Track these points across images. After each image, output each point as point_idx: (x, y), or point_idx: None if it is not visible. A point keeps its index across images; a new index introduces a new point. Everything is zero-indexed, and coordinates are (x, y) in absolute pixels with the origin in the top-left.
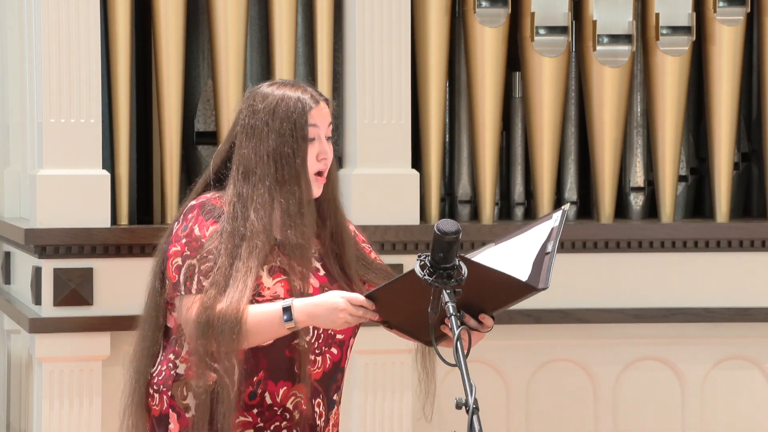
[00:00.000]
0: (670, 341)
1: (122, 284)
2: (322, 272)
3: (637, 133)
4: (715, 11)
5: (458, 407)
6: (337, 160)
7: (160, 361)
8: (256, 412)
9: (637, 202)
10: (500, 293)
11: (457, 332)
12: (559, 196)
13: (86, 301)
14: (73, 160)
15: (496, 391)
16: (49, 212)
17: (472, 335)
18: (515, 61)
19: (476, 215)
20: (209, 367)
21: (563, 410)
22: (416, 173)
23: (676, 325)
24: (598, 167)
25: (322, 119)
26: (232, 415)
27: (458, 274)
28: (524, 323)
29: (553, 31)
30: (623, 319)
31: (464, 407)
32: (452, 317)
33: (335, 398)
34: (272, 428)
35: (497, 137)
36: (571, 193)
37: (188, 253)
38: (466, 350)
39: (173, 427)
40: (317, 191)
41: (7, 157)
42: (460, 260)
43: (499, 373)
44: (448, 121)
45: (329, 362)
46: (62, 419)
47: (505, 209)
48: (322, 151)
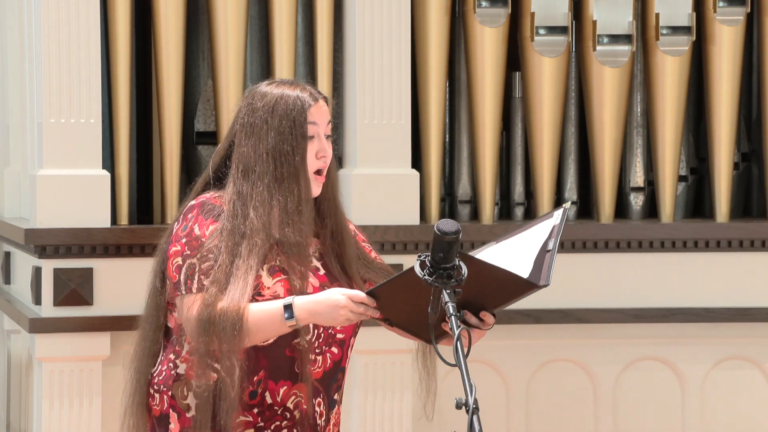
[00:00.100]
0: (670, 341)
1: (122, 284)
2: (322, 271)
3: (637, 133)
4: (715, 11)
5: (458, 407)
6: (337, 160)
7: (160, 360)
8: (256, 411)
9: (637, 202)
10: (501, 290)
11: (457, 332)
12: (559, 196)
13: (86, 301)
14: (73, 160)
15: (496, 391)
16: (49, 212)
17: (473, 333)
18: (515, 61)
19: (476, 215)
20: (210, 366)
21: (563, 410)
22: (416, 173)
23: (676, 325)
24: (598, 167)
25: (321, 117)
26: (233, 414)
27: (458, 274)
28: (524, 323)
29: (553, 31)
30: (623, 319)
31: (464, 407)
32: (452, 317)
33: (336, 398)
34: (273, 428)
35: (497, 137)
36: (571, 193)
37: (188, 252)
38: (466, 348)
39: (174, 426)
40: (316, 190)
41: (7, 157)
42: (460, 257)
43: (499, 373)
44: (448, 121)
45: (330, 361)
46: (62, 419)
47: (505, 209)
48: (321, 149)
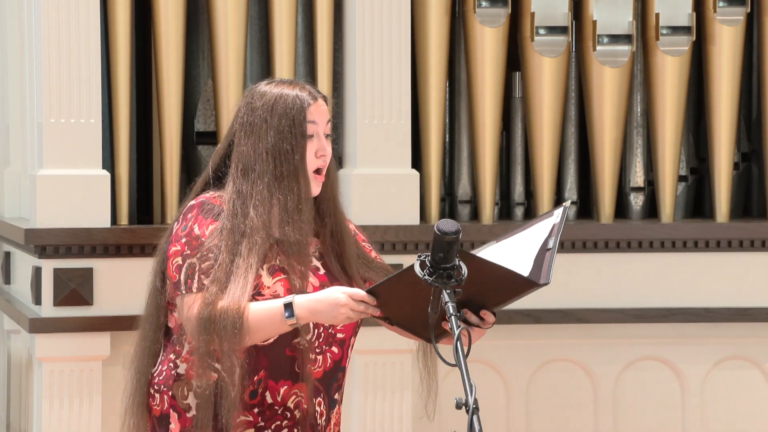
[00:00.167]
0: (670, 341)
1: (122, 284)
2: (322, 271)
3: (637, 133)
4: (715, 11)
5: (458, 407)
6: (337, 160)
7: (161, 360)
8: (256, 411)
9: (637, 202)
10: (501, 288)
11: (457, 332)
12: (559, 196)
13: (86, 301)
14: (73, 160)
15: (496, 391)
16: (49, 212)
17: (473, 332)
18: (515, 61)
19: (476, 215)
20: (210, 366)
21: (563, 410)
22: (416, 173)
23: (676, 325)
24: (598, 167)
25: (320, 116)
26: (233, 414)
27: (458, 274)
28: (524, 323)
29: (553, 31)
30: (623, 319)
31: (464, 407)
32: (452, 317)
33: (336, 397)
34: (273, 427)
35: (497, 137)
36: (571, 193)
37: (188, 252)
38: (466, 348)
39: (174, 426)
40: (316, 189)
41: (7, 157)
42: (460, 255)
43: (499, 373)
44: (448, 121)
45: (330, 361)
46: (62, 419)
47: (505, 209)
48: (320, 147)
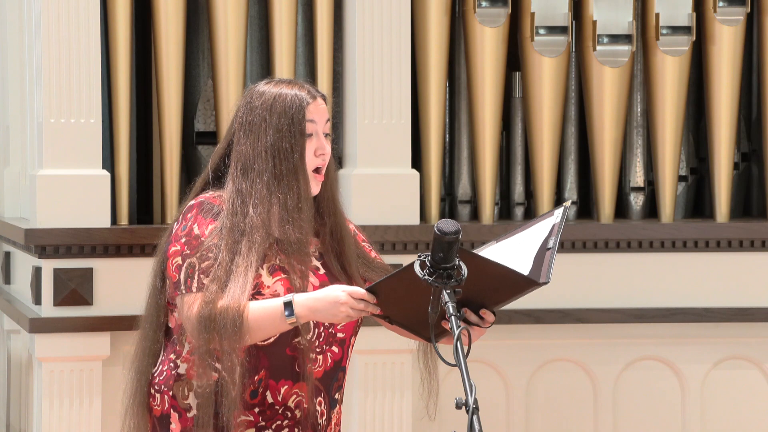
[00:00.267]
0: (670, 341)
1: (122, 284)
2: (322, 271)
3: (637, 133)
4: (715, 11)
5: (458, 407)
6: (336, 160)
7: (161, 360)
8: (257, 411)
9: (637, 202)
10: (501, 287)
11: (457, 332)
12: (559, 196)
13: (86, 301)
14: (73, 160)
15: (496, 391)
16: (49, 212)
17: (473, 331)
18: (515, 61)
19: (476, 215)
20: (211, 366)
21: (563, 410)
22: (416, 173)
23: (676, 325)
24: (598, 167)
25: (319, 115)
26: (234, 413)
27: (458, 273)
28: (524, 323)
29: (553, 31)
30: (623, 319)
31: (464, 407)
32: (452, 317)
33: (337, 397)
34: (274, 427)
35: (497, 137)
36: (571, 193)
37: (188, 252)
38: (466, 348)
39: (175, 427)
40: (315, 189)
41: (7, 157)
42: (460, 253)
43: (499, 373)
44: (448, 121)
45: (330, 361)
46: (62, 419)
47: (505, 209)
48: (320, 146)
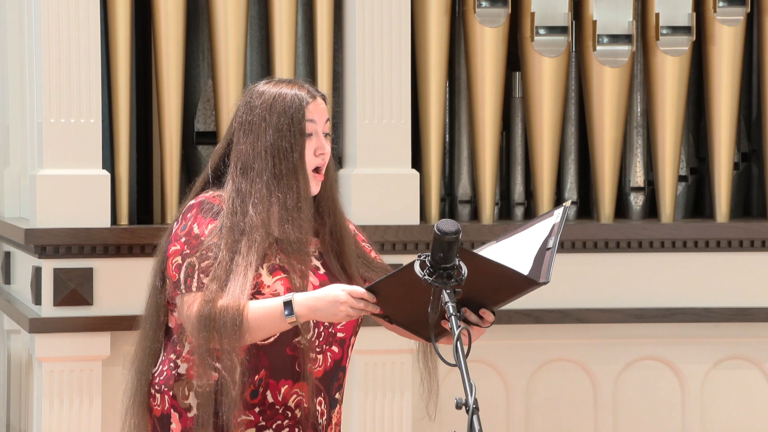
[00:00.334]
0: (670, 341)
1: (122, 284)
2: (322, 270)
3: (637, 133)
4: (715, 11)
5: (458, 407)
6: (336, 159)
7: (161, 360)
8: (257, 410)
9: (637, 202)
10: (501, 287)
11: (457, 332)
12: (559, 196)
13: (86, 301)
14: (73, 160)
15: (496, 391)
16: (49, 212)
17: (472, 331)
18: (515, 61)
19: (476, 215)
20: (211, 366)
21: (563, 410)
22: (416, 173)
23: (676, 325)
24: (598, 167)
25: (319, 115)
26: (234, 413)
27: (458, 273)
28: (524, 323)
29: (553, 31)
30: (623, 319)
31: (464, 407)
32: (452, 317)
33: (337, 397)
34: (274, 427)
35: (497, 137)
36: (571, 193)
37: (188, 251)
38: (466, 347)
39: (175, 427)
40: (315, 188)
41: (7, 157)
42: (460, 252)
43: (499, 373)
44: (448, 121)
45: (330, 360)
46: (62, 419)
47: (505, 209)
48: (319, 146)
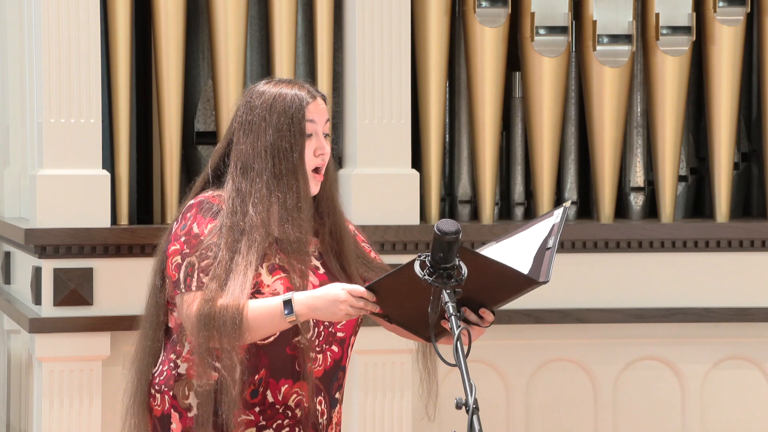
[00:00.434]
0: (670, 341)
1: (122, 284)
2: (321, 270)
3: (637, 133)
4: (715, 11)
5: (458, 407)
6: (336, 160)
7: (161, 360)
8: (258, 410)
9: (637, 202)
10: (501, 286)
11: (457, 332)
12: (559, 196)
13: (86, 301)
14: (73, 160)
15: (496, 391)
16: (49, 212)
17: (472, 330)
18: (515, 61)
19: (476, 215)
20: (211, 366)
21: (563, 410)
22: (416, 173)
23: (676, 325)
24: (598, 167)
25: (319, 115)
26: (234, 413)
27: (458, 273)
28: (524, 323)
29: (553, 31)
30: (623, 319)
31: (464, 407)
32: (452, 317)
33: (337, 396)
34: (274, 426)
35: (497, 137)
36: (571, 193)
37: (187, 251)
38: (466, 347)
39: (175, 427)
40: (315, 188)
41: (7, 157)
42: (460, 251)
43: (499, 373)
44: (448, 121)
45: (330, 360)
46: (62, 419)
47: (505, 209)
48: (319, 146)
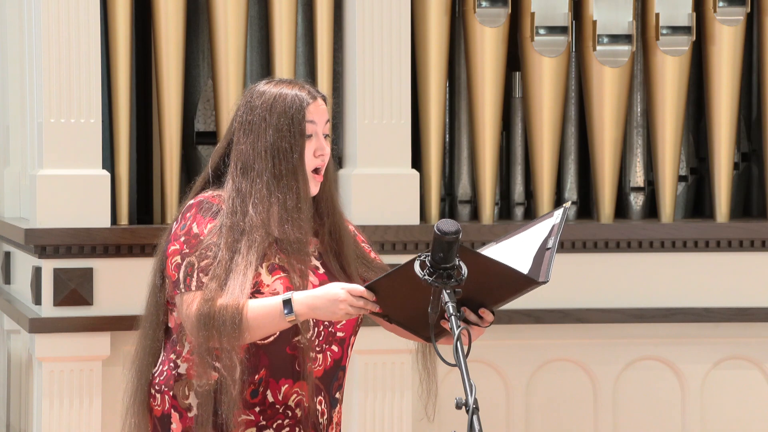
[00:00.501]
0: (670, 341)
1: (122, 284)
2: (321, 270)
3: (637, 133)
4: (715, 11)
5: (458, 407)
6: (336, 160)
7: (161, 360)
8: (258, 410)
9: (637, 202)
10: (500, 286)
11: (457, 332)
12: (559, 196)
13: (86, 301)
14: (73, 160)
15: (496, 391)
16: (49, 212)
17: (472, 330)
18: (515, 61)
19: (476, 215)
20: (211, 366)
21: (563, 410)
22: (416, 173)
23: (676, 325)
24: (598, 167)
25: (319, 116)
26: (234, 413)
27: (458, 273)
28: (524, 323)
29: (553, 31)
30: (623, 319)
31: (464, 407)
32: (452, 317)
33: (337, 396)
34: (275, 426)
35: (497, 137)
36: (571, 193)
37: (187, 251)
38: (466, 347)
39: (175, 427)
40: (314, 189)
41: (7, 157)
42: (460, 250)
43: (499, 373)
44: (448, 121)
45: (330, 360)
46: (62, 419)
47: (505, 209)
48: (319, 147)
